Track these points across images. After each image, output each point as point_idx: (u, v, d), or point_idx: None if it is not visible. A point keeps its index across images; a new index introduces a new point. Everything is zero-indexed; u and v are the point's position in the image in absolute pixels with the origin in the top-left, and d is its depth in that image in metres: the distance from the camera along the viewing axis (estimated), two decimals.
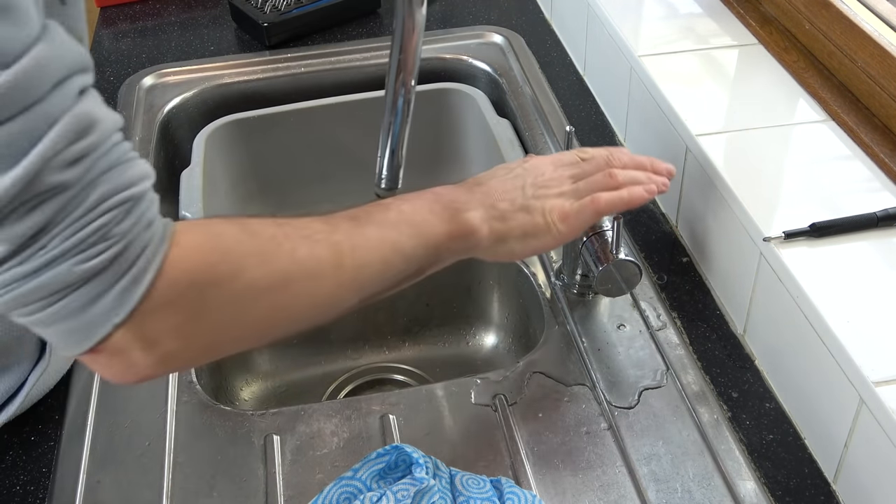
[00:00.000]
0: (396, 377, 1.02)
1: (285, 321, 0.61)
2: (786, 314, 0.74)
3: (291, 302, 0.59)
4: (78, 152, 0.49)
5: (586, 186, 0.75)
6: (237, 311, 0.56)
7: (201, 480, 0.73)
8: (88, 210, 0.49)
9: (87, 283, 0.50)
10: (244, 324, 0.58)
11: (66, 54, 0.50)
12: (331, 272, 0.61)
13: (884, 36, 0.85)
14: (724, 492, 0.70)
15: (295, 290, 0.59)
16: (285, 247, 0.59)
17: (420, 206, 0.68)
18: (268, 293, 0.57)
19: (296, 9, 1.29)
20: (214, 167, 1.13)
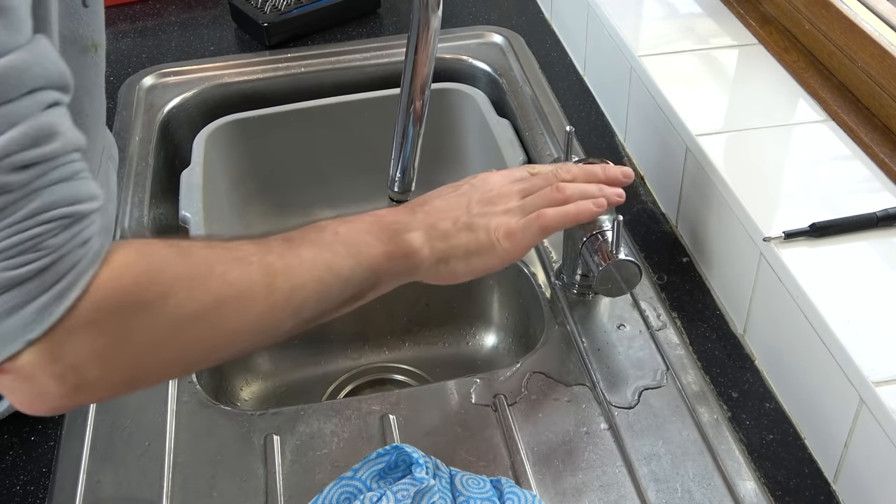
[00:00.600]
0: (396, 377, 1.02)
1: (215, 346, 0.59)
2: (786, 314, 0.74)
3: (222, 325, 0.57)
4: (29, 159, 0.48)
5: (533, 202, 0.73)
6: (165, 335, 0.54)
7: (201, 480, 0.73)
8: (26, 217, 0.48)
9: (7, 292, 0.48)
10: (172, 349, 0.56)
11: (48, 67, 0.50)
12: (263, 294, 0.58)
13: (884, 36, 0.85)
14: (724, 492, 0.70)
15: (225, 314, 0.57)
16: (217, 269, 0.57)
17: (357, 228, 0.66)
18: (198, 318, 0.56)
19: (296, 9, 1.29)
20: (214, 167, 1.13)
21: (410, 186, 0.89)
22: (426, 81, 0.84)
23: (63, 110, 0.51)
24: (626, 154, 1.06)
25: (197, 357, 0.59)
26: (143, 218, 1.00)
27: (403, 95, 0.85)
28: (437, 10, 0.80)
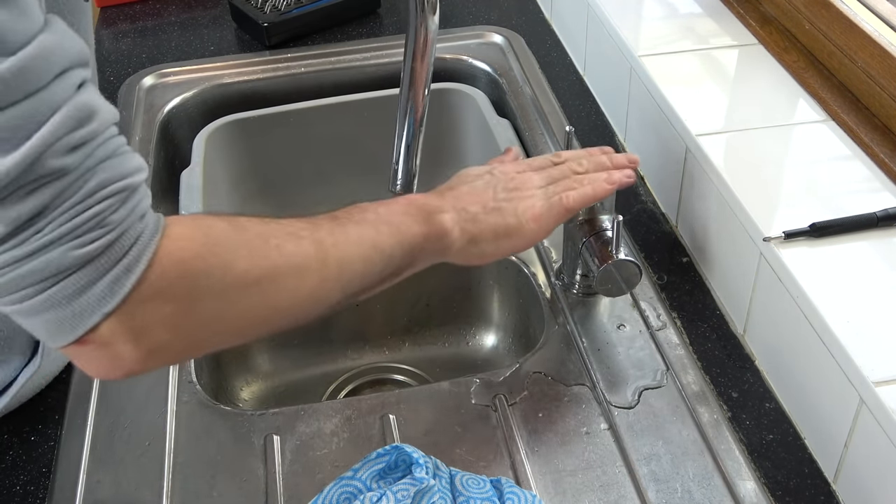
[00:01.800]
0: (396, 377, 1.02)
1: (272, 315, 0.61)
2: (786, 314, 0.74)
3: (278, 295, 0.60)
4: (78, 139, 0.50)
5: (555, 188, 0.77)
6: (226, 303, 0.57)
7: (201, 480, 0.73)
8: (86, 196, 0.50)
9: (80, 270, 0.50)
10: (232, 316, 0.58)
11: (68, 47, 0.51)
12: (316, 267, 0.62)
13: (884, 36, 0.85)
14: (724, 492, 0.70)
15: (282, 284, 0.60)
16: (272, 242, 0.60)
17: (395, 209, 0.70)
18: (256, 286, 0.58)
19: (296, 9, 1.29)
20: (214, 167, 1.13)
21: (412, 187, 0.89)
22: (426, 84, 0.85)
23: (92, 87, 0.53)
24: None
25: (256, 324, 0.61)
26: None
27: (402, 98, 0.85)
28: (434, 13, 0.80)
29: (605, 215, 0.82)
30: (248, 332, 0.62)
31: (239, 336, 0.62)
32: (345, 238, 0.64)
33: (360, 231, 0.66)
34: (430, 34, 0.82)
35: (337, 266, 0.63)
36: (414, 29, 0.81)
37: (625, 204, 0.99)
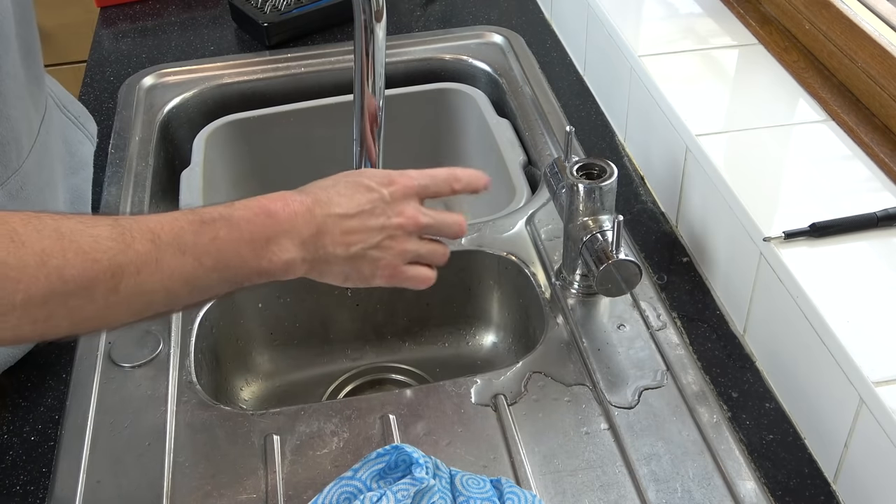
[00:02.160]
0: (396, 377, 1.02)
1: (43, 331, 0.58)
2: (786, 314, 0.74)
3: (49, 317, 0.57)
4: None
5: (428, 256, 0.74)
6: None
7: (201, 480, 0.73)
8: None
9: None
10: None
11: None
12: (102, 295, 0.58)
13: (884, 36, 0.85)
14: (724, 492, 0.70)
15: (54, 308, 0.57)
16: (52, 263, 0.56)
17: (240, 235, 0.64)
18: (21, 306, 0.55)
19: (296, 9, 1.29)
20: (214, 167, 1.13)
21: None
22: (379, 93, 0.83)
23: None
24: (626, 154, 1.06)
25: (26, 335, 0.58)
26: None
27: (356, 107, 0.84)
28: (381, 19, 0.79)
29: (605, 215, 0.82)
30: (20, 341, 0.59)
31: (11, 342, 0.59)
32: (153, 269, 0.60)
33: (175, 263, 0.61)
34: (378, 42, 0.80)
35: (130, 296, 0.59)
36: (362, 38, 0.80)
37: (625, 204, 0.99)
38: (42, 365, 0.83)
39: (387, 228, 0.71)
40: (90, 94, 1.22)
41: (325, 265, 0.69)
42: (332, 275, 0.70)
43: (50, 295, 0.56)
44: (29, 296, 0.55)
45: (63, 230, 0.57)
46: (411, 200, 0.73)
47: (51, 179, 0.85)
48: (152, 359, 0.83)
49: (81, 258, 0.57)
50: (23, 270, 0.55)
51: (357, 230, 0.69)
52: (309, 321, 1.01)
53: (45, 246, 0.56)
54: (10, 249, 0.55)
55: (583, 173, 0.82)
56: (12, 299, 0.55)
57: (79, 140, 0.96)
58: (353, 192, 0.71)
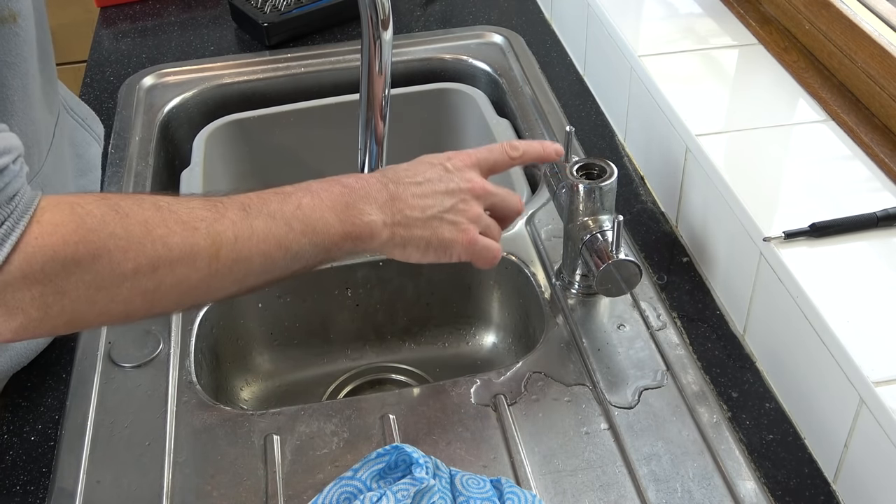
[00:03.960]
0: (396, 377, 1.02)
1: (154, 303, 0.60)
2: (786, 314, 0.74)
3: (158, 286, 0.59)
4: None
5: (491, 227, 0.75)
6: (98, 290, 0.57)
7: (201, 480, 0.73)
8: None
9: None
10: (107, 301, 0.58)
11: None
12: (205, 262, 0.60)
13: (884, 36, 0.85)
14: (724, 492, 0.70)
15: (162, 276, 0.59)
16: (157, 232, 0.58)
17: (321, 202, 0.67)
18: (132, 276, 0.57)
19: (296, 9, 1.29)
20: (214, 167, 1.13)
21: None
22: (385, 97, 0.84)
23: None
24: (626, 154, 1.06)
25: (139, 308, 0.60)
26: None
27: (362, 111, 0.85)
28: (388, 28, 0.80)
29: (605, 215, 0.82)
30: (132, 315, 0.61)
31: (122, 318, 0.61)
32: (248, 233, 0.62)
33: (267, 227, 0.64)
34: (385, 50, 0.81)
35: (231, 262, 0.62)
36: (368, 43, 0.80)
37: (625, 204, 0.99)
38: (42, 365, 0.83)
39: (456, 192, 0.73)
40: (90, 94, 1.22)
41: (405, 230, 0.70)
42: (413, 243, 0.71)
43: (158, 263, 0.58)
44: (138, 264, 0.57)
45: (160, 204, 0.60)
46: (473, 169, 0.75)
47: (65, 181, 0.86)
48: (152, 359, 0.83)
49: (182, 227, 0.59)
50: (130, 240, 0.57)
51: (428, 194, 0.72)
52: (309, 321, 1.01)
53: (147, 217, 0.58)
54: (117, 221, 0.57)
55: (583, 173, 0.82)
56: (123, 268, 0.57)
57: (87, 142, 0.96)
58: (417, 166, 0.74)
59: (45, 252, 0.54)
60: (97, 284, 0.57)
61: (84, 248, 0.56)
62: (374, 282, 1.00)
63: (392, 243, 0.70)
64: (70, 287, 0.56)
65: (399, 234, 0.70)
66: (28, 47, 0.74)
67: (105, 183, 1.04)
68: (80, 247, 0.55)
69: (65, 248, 0.55)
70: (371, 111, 0.84)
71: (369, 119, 0.85)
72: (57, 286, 0.55)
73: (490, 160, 0.77)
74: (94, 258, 0.56)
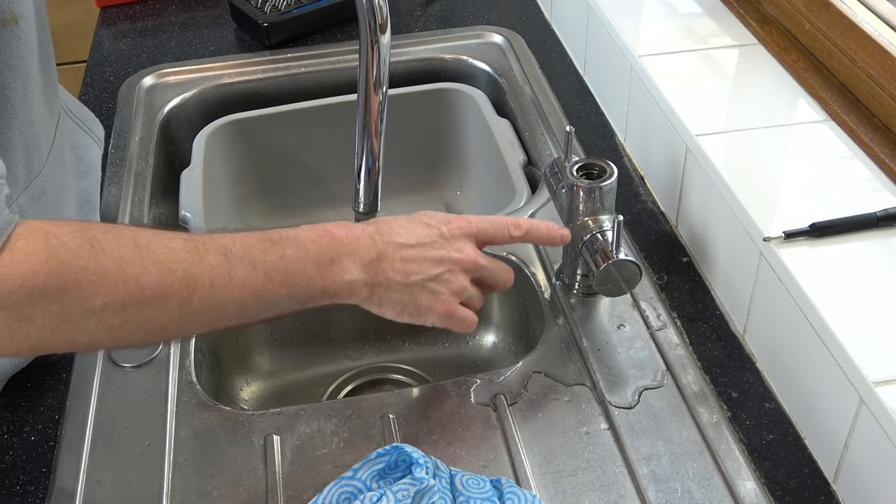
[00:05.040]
0: (396, 377, 1.02)
1: (118, 338, 0.60)
2: (786, 314, 0.74)
3: (125, 324, 0.59)
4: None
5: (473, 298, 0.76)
6: (65, 321, 0.57)
7: (201, 480, 0.73)
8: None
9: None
10: (72, 333, 0.58)
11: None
12: (176, 305, 0.60)
13: (884, 36, 0.85)
14: (724, 492, 0.70)
15: (130, 315, 0.59)
16: (130, 271, 0.58)
17: (306, 254, 0.67)
18: (100, 311, 0.57)
19: (296, 9, 1.29)
20: (214, 167, 1.13)
21: (376, 206, 0.89)
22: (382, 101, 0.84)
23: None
24: (626, 154, 1.06)
25: (103, 342, 0.60)
26: (142, 218, 1.00)
27: (359, 116, 0.85)
28: (385, 31, 0.80)
29: (605, 215, 0.82)
30: (96, 347, 0.62)
31: (87, 348, 0.61)
32: (225, 280, 0.62)
33: (245, 275, 0.63)
34: (383, 53, 0.81)
35: (203, 307, 0.61)
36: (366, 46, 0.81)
37: (625, 204, 0.99)
38: (42, 365, 0.83)
39: (445, 262, 0.73)
40: (90, 94, 1.22)
41: (385, 291, 0.71)
42: (390, 303, 0.72)
43: (128, 301, 0.58)
44: (108, 301, 0.57)
45: (140, 241, 0.59)
46: (469, 240, 0.75)
47: (65, 183, 0.86)
48: (152, 359, 0.83)
49: (158, 267, 0.59)
50: (103, 276, 0.57)
51: (416, 259, 0.72)
52: (309, 321, 1.01)
53: (123, 254, 0.58)
54: (91, 255, 0.57)
55: (583, 173, 0.82)
56: (92, 304, 0.57)
57: (86, 144, 0.96)
58: (412, 225, 0.73)
59: (13, 280, 0.54)
60: (63, 316, 0.56)
61: (53, 280, 0.55)
62: None
63: (369, 301, 0.71)
64: (36, 316, 0.55)
65: (378, 293, 0.71)
66: (29, 49, 0.74)
67: (105, 183, 1.04)
68: (49, 278, 0.55)
69: (34, 278, 0.55)
70: (368, 116, 0.84)
71: (366, 124, 0.85)
72: (23, 314, 0.55)
73: (489, 233, 0.77)
74: (63, 291, 0.56)
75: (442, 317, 0.74)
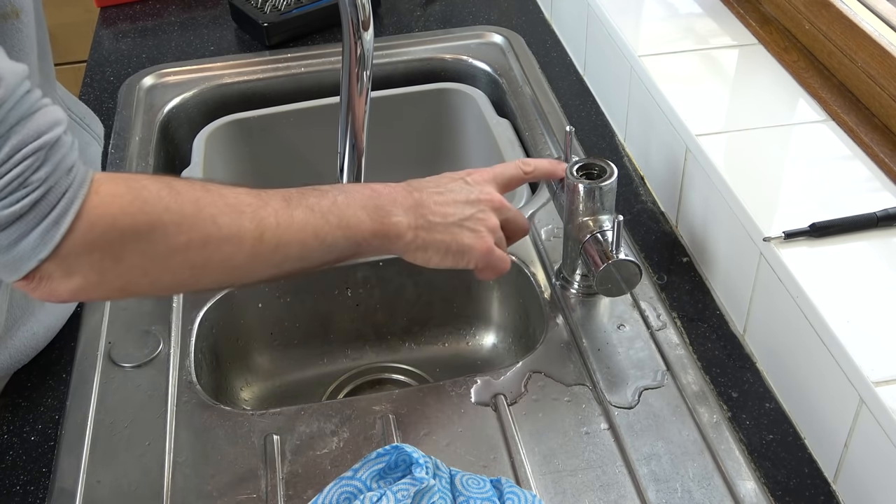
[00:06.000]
0: (396, 377, 1.02)
1: (200, 277, 0.64)
2: (786, 314, 0.74)
3: (206, 262, 0.63)
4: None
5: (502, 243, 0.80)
6: (152, 260, 0.60)
7: (201, 480, 0.73)
8: (3, 161, 0.53)
9: (11, 225, 0.55)
10: (159, 271, 0.61)
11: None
12: (250, 244, 0.64)
13: (884, 36, 0.85)
14: (724, 492, 0.70)
15: (211, 252, 0.62)
16: (207, 211, 0.62)
17: (353, 200, 0.71)
18: (184, 250, 0.61)
19: (296, 9, 1.29)
20: (214, 167, 1.13)
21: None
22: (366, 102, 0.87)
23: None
24: (626, 154, 1.06)
25: (186, 281, 0.65)
26: None
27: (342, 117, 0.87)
28: (367, 29, 0.83)
29: (605, 215, 0.82)
30: (180, 287, 0.66)
31: (171, 289, 0.66)
32: (288, 222, 0.66)
33: (305, 217, 0.68)
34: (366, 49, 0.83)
35: (272, 246, 0.65)
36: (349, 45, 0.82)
37: (625, 204, 0.99)
38: (42, 365, 0.83)
39: (475, 203, 0.78)
40: (90, 94, 1.22)
41: (428, 233, 0.75)
42: (434, 246, 0.75)
43: (208, 239, 0.62)
44: (190, 239, 0.61)
45: (209, 187, 0.64)
46: (491, 184, 0.80)
47: None
48: (152, 359, 0.83)
49: (230, 208, 0.63)
50: (184, 215, 0.61)
51: (449, 203, 0.76)
52: (309, 321, 1.01)
53: (198, 196, 0.62)
54: (171, 196, 0.60)
55: (583, 173, 0.82)
56: (176, 241, 0.60)
57: (85, 141, 0.96)
58: (438, 178, 0.79)
59: (105, 220, 0.57)
60: (151, 255, 0.60)
61: (141, 219, 0.59)
62: (374, 282, 1.00)
63: (415, 245, 0.74)
64: (126, 255, 0.59)
65: (422, 237, 0.74)
66: (29, 43, 0.75)
67: None
68: (137, 217, 0.59)
69: (123, 217, 0.58)
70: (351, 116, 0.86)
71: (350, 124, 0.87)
72: (114, 253, 0.58)
73: (506, 175, 0.82)
74: (151, 229, 0.59)
75: (484, 254, 0.77)
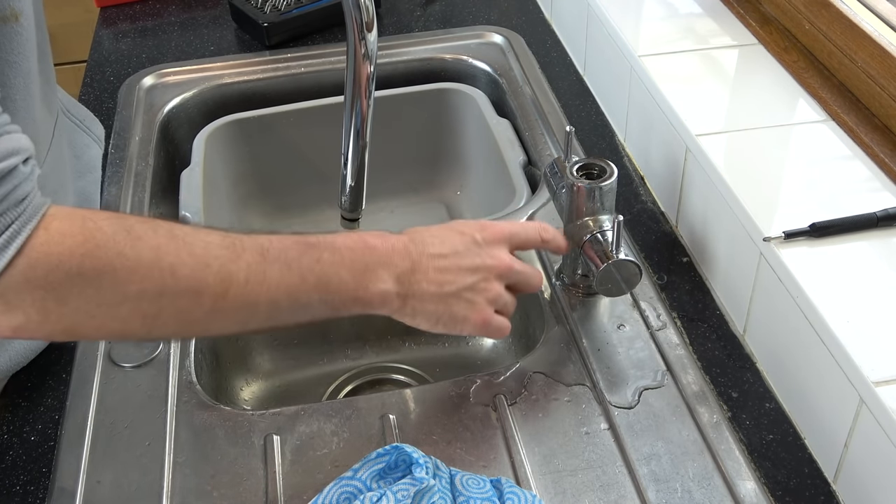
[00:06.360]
0: (396, 377, 1.02)
1: (152, 328, 0.60)
2: (786, 314, 0.74)
3: (159, 313, 0.59)
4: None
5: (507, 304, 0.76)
6: (98, 306, 0.57)
7: (201, 480, 0.73)
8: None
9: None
10: (106, 318, 0.58)
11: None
12: (210, 300, 0.60)
13: (884, 36, 0.85)
14: (724, 492, 0.70)
15: (165, 304, 0.59)
16: (167, 260, 0.58)
17: (341, 259, 0.67)
18: (135, 298, 0.57)
19: (296, 9, 1.29)
20: (214, 167, 1.13)
21: (360, 206, 0.89)
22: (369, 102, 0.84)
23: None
24: (626, 154, 1.06)
25: (137, 331, 0.60)
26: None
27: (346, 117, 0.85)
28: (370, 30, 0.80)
29: (605, 215, 0.82)
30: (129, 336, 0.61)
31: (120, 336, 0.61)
32: (259, 279, 0.62)
33: (281, 276, 0.63)
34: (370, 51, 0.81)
35: (237, 304, 0.61)
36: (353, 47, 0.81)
37: (625, 204, 0.99)
38: (42, 365, 0.83)
39: (480, 270, 0.72)
40: (90, 94, 1.22)
41: (418, 302, 0.70)
42: (424, 315, 0.71)
43: (163, 290, 0.58)
44: (143, 288, 0.57)
45: (177, 233, 0.59)
46: (503, 245, 0.75)
47: (63, 181, 0.86)
48: (152, 359, 0.83)
49: (194, 260, 0.59)
50: (139, 262, 0.57)
51: (450, 269, 0.71)
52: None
53: (160, 243, 0.58)
54: (127, 241, 0.57)
55: (583, 173, 0.82)
56: (126, 289, 0.57)
57: (85, 144, 0.96)
58: (446, 234, 0.73)
59: (49, 260, 0.54)
60: (98, 300, 0.57)
61: (90, 263, 0.55)
62: None
63: (402, 312, 0.71)
64: (71, 298, 0.56)
65: (411, 304, 0.71)
66: (29, 46, 0.74)
67: (105, 183, 1.04)
68: (85, 260, 0.55)
69: (70, 259, 0.55)
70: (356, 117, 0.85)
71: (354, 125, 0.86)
72: (58, 294, 0.55)
73: (522, 237, 0.77)
74: (99, 274, 0.56)
75: (478, 326, 0.73)
